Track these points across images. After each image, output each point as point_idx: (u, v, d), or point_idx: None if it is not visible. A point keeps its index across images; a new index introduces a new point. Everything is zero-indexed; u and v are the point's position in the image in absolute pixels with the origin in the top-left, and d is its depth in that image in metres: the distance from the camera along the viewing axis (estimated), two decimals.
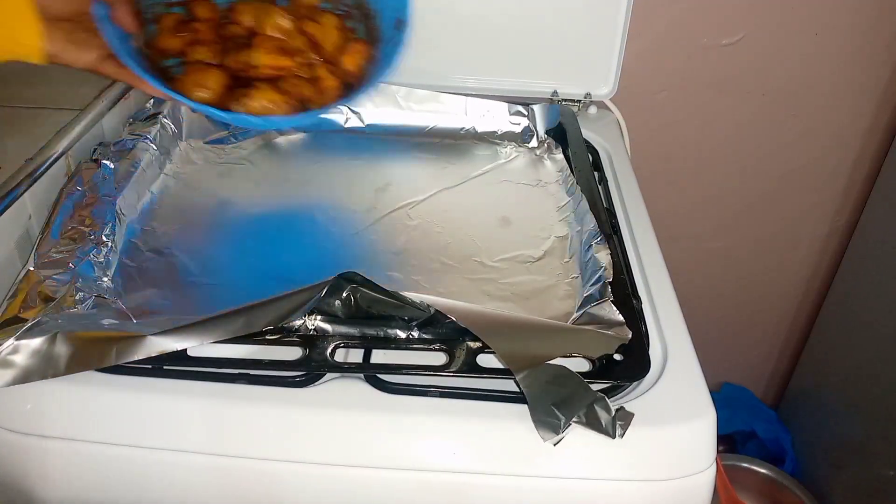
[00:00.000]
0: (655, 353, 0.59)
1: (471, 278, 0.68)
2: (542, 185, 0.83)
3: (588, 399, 0.50)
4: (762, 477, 1.24)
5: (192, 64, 0.66)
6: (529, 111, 0.92)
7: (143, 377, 0.54)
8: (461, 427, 0.53)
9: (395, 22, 0.68)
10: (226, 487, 0.54)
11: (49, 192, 0.70)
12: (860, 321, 1.14)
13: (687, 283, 1.26)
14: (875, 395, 1.08)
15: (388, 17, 0.70)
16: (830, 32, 1.05)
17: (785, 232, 1.26)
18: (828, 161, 1.17)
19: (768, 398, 1.48)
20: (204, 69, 0.65)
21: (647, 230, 0.75)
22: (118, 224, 0.69)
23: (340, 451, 0.52)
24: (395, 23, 0.68)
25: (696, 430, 0.53)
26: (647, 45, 1.05)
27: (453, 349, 0.55)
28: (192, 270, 0.66)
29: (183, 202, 0.76)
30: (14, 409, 0.53)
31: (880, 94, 1.10)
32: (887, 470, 1.05)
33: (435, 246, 0.72)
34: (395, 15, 0.69)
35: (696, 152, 1.17)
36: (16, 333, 0.52)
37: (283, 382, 0.54)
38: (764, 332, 1.40)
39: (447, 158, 0.88)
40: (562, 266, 0.69)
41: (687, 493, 0.53)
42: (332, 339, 0.55)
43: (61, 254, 0.61)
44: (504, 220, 0.77)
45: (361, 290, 0.55)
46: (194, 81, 0.64)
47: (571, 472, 0.52)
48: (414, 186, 0.75)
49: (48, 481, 0.54)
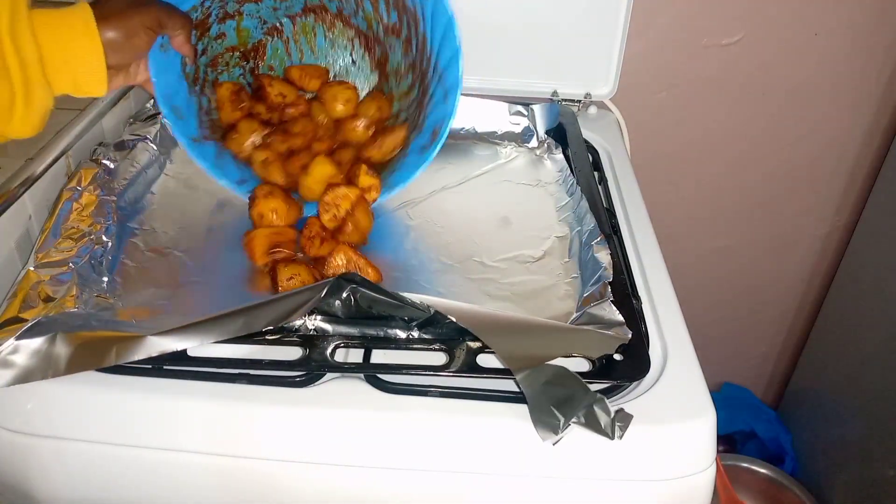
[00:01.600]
0: (655, 353, 0.59)
1: (471, 278, 0.68)
2: (542, 185, 0.83)
3: (588, 400, 0.50)
4: (762, 477, 1.24)
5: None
6: (529, 111, 0.92)
7: (143, 377, 0.54)
8: (461, 427, 0.53)
9: (433, 130, 0.72)
10: (226, 487, 0.54)
11: (49, 192, 0.70)
12: (860, 321, 1.14)
13: (687, 283, 1.26)
14: (875, 395, 1.08)
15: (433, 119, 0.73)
16: (830, 32, 1.05)
17: (785, 232, 1.26)
18: (828, 161, 1.17)
19: (768, 398, 1.48)
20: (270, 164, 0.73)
21: (647, 230, 0.75)
22: (118, 224, 0.69)
23: (340, 451, 0.52)
24: (433, 131, 0.72)
25: (696, 430, 0.53)
26: (647, 45, 1.05)
27: (453, 349, 0.55)
28: (192, 270, 0.66)
29: (183, 202, 0.76)
30: (14, 409, 0.53)
31: (880, 94, 1.10)
32: (887, 470, 1.05)
33: (435, 246, 0.72)
34: (435, 124, 0.73)
35: (696, 152, 1.17)
36: (16, 333, 0.52)
37: (283, 382, 0.54)
38: (764, 332, 1.40)
39: (447, 158, 0.88)
40: (562, 266, 0.69)
41: (687, 493, 0.53)
42: (332, 339, 0.55)
43: (61, 254, 0.61)
44: (504, 220, 0.77)
45: (361, 291, 0.55)
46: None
47: (571, 472, 0.52)
48: (414, 186, 0.75)
49: (48, 481, 0.54)
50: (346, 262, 0.64)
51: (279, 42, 0.80)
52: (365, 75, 0.81)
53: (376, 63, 0.80)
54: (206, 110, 0.75)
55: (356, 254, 0.65)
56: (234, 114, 0.75)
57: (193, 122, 0.72)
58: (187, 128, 0.71)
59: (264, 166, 0.72)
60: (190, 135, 0.71)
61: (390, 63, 0.78)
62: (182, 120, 0.70)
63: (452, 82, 0.70)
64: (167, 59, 0.65)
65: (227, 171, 0.74)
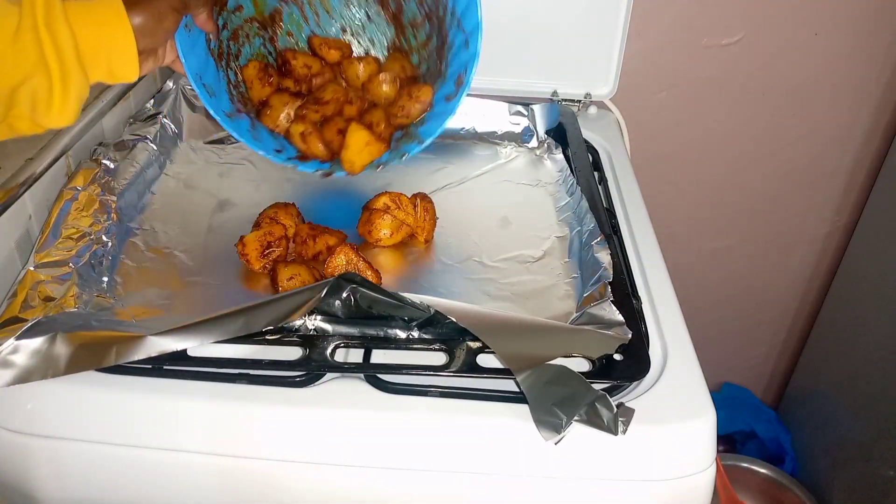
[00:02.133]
0: (655, 353, 0.59)
1: (471, 278, 0.68)
2: (542, 185, 0.83)
3: (589, 397, 0.50)
4: (762, 477, 1.24)
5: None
6: (529, 111, 0.92)
7: (143, 377, 0.54)
8: (461, 427, 0.53)
9: (457, 78, 0.72)
10: (226, 487, 0.54)
11: (49, 192, 0.70)
12: (860, 321, 1.14)
13: (687, 283, 1.26)
14: (875, 395, 1.08)
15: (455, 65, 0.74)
16: (830, 32, 1.05)
17: (785, 232, 1.26)
18: (828, 161, 1.17)
19: (768, 398, 1.48)
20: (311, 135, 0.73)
21: (647, 230, 0.75)
22: (118, 224, 0.69)
23: (340, 451, 0.52)
24: (457, 78, 0.72)
25: (696, 430, 0.53)
26: (647, 45, 1.05)
27: (453, 349, 0.55)
28: (192, 270, 0.66)
29: (183, 202, 0.76)
30: (14, 409, 0.53)
31: (880, 94, 1.10)
32: (887, 470, 1.05)
33: (435, 246, 0.72)
34: (459, 70, 0.73)
35: (696, 152, 1.17)
36: (16, 333, 0.52)
37: (283, 382, 0.54)
38: (764, 332, 1.40)
39: (447, 158, 0.88)
40: (562, 266, 0.69)
41: (687, 492, 0.53)
42: (332, 339, 0.55)
43: (61, 254, 0.61)
44: (504, 220, 0.77)
45: (361, 291, 0.55)
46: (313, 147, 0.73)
47: (571, 473, 0.52)
48: (414, 186, 0.75)
49: (48, 481, 0.54)
50: (346, 263, 0.64)
51: (293, 7, 0.81)
52: (381, 30, 0.82)
53: (391, 16, 0.80)
54: (234, 84, 0.76)
55: (356, 254, 0.65)
56: (263, 90, 0.76)
57: (225, 97, 0.73)
58: (220, 104, 0.71)
59: (303, 139, 0.73)
60: (224, 110, 0.71)
61: (405, 14, 0.78)
62: (214, 97, 0.71)
63: (473, 26, 0.70)
64: (192, 38, 0.66)
65: (264, 142, 0.74)
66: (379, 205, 0.71)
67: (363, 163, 0.70)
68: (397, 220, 0.70)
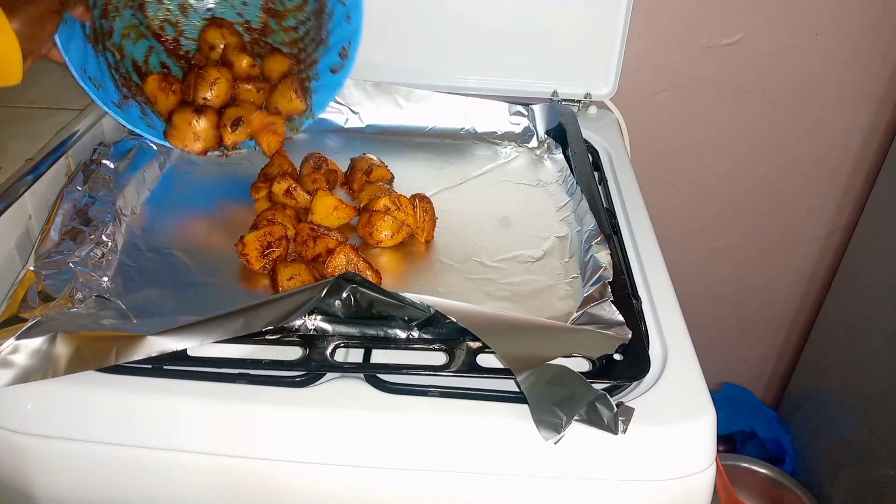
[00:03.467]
0: (655, 353, 0.59)
1: (471, 278, 0.68)
2: (542, 185, 0.83)
3: (589, 397, 0.50)
4: (762, 477, 1.24)
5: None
6: (529, 111, 0.92)
7: (143, 377, 0.54)
8: (461, 427, 0.53)
9: (341, 50, 0.76)
10: (225, 487, 0.54)
11: (49, 192, 0.70)
12: (860, 321, 1.14)
13: (687, 283, 1.26)
14: (875, 395, 1.08)
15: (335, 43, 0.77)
16: (830, 32, 1.05)
17: (785, 232, 1.26)
18: (828, 161, 1.17)
19: (768, 398, 1.48)
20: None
21: (647, 230, 0.75)
22: (118, 224, 0.69)
23: (340, 451, 0.52)
24: (341, 51, 0.76)
25: (696, 430, 0.53)
26: (647, 45, 1.05)
27: (453, 349, 0.55)
28: (192, 270, 0.66)
29: (183, 202, 0.76)
30: (14, 409, 0.53)
31: (880, 94, 1.10)
32: (887, 470, 1.05)
33: (435, 246, 0.72)
34: (342, 43, 0.76)
35: (696, 152, 1.17)
36: (16, 333, 0.52)
37: (283, 382, 0.54)
38: (764, 332, 1.40)
39: (447, 158, 0.88)
40: (562, 266, 0.69)
41: (687, 492, 0.53)
42: (332, 338, 0.55)
43: (61, 254, 0.61)
44: (504, 220, 0.77)
45: (361, 291, 0.55)
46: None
47: (571, 472, 0.52)
48: (414, 186, 0.75)
49: (48, 481, 0.54)
50: (346, 263, 0.64)
51: None
52: None
53: None
54: (114, 66, 0.76)
55: (356, 254, 0.65)
56: (169, 101, 0.77)
57: (111, 86, 0.73)
58: (108, 95, 0.71)
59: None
60: (113, 100, 0.72)
61: None
62: (101, 89, 0.71)
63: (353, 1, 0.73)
64: (69, 30, 0.66)
65: (158, 129, 0.76)
66: (379, 206, 0.71)
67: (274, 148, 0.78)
68: (398, 220, 0.70)
